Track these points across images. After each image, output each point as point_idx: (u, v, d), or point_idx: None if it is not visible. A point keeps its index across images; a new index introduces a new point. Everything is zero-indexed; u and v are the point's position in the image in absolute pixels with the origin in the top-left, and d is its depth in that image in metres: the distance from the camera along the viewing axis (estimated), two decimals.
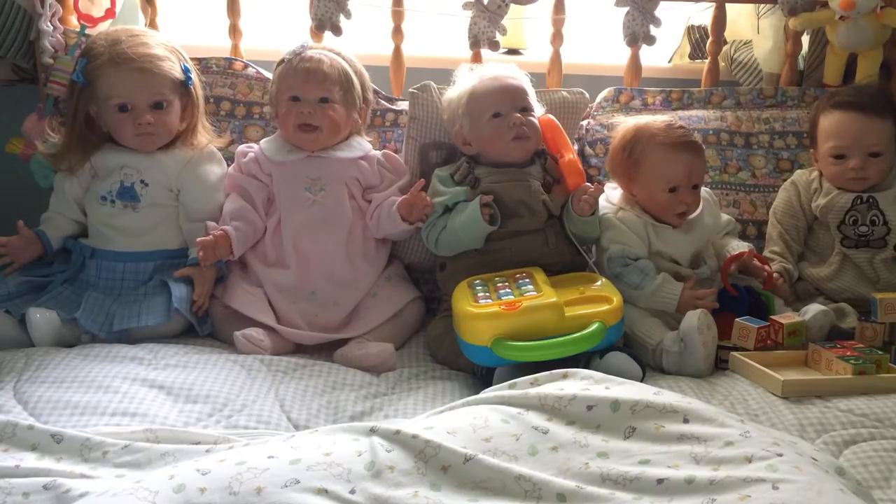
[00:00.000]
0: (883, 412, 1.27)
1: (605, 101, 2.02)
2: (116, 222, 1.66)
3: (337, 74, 1.72)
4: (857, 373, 1.38)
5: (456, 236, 1.63)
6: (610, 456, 1.04)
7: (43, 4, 1.86)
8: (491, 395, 1.19)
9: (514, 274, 1.55)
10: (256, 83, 1.94)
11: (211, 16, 2.13)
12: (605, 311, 1.43)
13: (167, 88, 1.67)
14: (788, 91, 2.06)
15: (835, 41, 1.99)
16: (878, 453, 1.17)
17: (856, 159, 1.74)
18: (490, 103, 1.68)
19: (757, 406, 1.32)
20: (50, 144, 1.73)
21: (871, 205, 1.76)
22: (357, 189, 1.74)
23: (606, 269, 1.65)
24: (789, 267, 1.79)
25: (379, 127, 1.95)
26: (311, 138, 1.71)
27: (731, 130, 1.98)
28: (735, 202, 1.91)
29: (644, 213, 1.69)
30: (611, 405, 1.11)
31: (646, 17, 2.01)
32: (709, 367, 1.49)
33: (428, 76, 1.89)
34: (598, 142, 1.95)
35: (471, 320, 1.43)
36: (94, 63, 1.65)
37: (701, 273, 1.67)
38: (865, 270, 1.76)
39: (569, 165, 1.68)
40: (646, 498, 0.95)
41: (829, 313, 1.59)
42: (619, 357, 1.42)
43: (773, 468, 0.95)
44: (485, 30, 1.99)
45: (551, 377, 1.20)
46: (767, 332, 1.51)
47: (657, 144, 1.66)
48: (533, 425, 1.09)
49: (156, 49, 1.67)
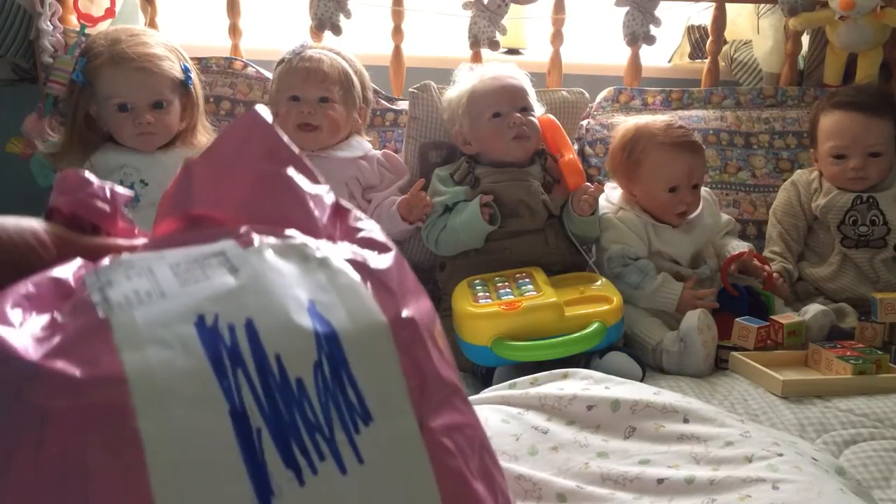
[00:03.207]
0: (883, 412, 1.27)
1: (605, 101, 2.02)
2: None
3: (337, 74, 1.72)
4: (857, 373, 1.38)
5: (456, 236, 1.63)
6: (610, 456, 1.03)
7: (43, 4, 1.86)
8: (491, 395, 1.19)
9: (514, 274, 1.55)
10: (256, 83, 1.94)
11: (211, 16, 2.12)
12: (605, 311, 1.43)
13: (167, 88, 1.67)
14: (788, 91, 2.06)
15: (835, 41, 1.99)
16: (878, 453, 1.17)
17: (856, 159, 1.75)
18: (490, 103, 1.68)
19: (757, 406, 1.32)
20: (50, 144, 1.73)
21: (871, 205, 1.76)
22: (357, 189, 1.74)
23: (606, 268, 1.65)
24: (789, 267, 1.79)
25: (379, 127, 1.95)
26: (311, 138, 1.70)
27: (731, 130, 1.98)
28: (735, 202, 1.91)
29: (644, 213, 1.69)
30: (611, 405, 1.11)
31: (646, 16, 2.01)
32: (709, 367, 1.49)
33: (428, 76, 1.89)
34: (598, 142, 1.95)
35: (471, 320, 1.43)
36: (93, 62, 1.65)
37: (701, 273, 1.67)
38: (865, 270, 1.76)
39: (569, 165, 1.68)
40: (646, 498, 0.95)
41: (829, 313, 1.59)
42: (619, 357, 1.42)
43: (773, 468, 0.95)
44: (485, 29, 1.99)
45: (551, 377, 1.20)
46: (767, 332, 1.51)
47: (657, 144, 1.66)
48: (533, 425, 1.09)
49: (156, 49, 1.67)
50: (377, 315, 0.47)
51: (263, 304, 0.45)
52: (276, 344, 0.43)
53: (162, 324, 0.43)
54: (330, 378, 0.44)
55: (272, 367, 0.43)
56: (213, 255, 0.47)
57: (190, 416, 0.41)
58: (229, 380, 0.42)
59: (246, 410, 0.41)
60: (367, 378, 0.45)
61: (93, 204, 0.55)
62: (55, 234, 0.51)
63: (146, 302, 0.44)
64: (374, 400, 0.44)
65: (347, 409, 0.44)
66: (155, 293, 0.45)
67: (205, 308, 0.44)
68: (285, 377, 0.43)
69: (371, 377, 0.45)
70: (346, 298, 0.47)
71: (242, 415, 0.41)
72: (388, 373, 0.46)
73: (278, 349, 0.43)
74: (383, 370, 0.46)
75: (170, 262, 0.47)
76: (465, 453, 0.47)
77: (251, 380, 0.42)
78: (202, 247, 0.48)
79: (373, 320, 0.47)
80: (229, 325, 0.43)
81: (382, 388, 0.45)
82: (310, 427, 0.42)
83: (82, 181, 0.56)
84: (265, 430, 0.42)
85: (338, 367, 0.44)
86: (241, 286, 0.45)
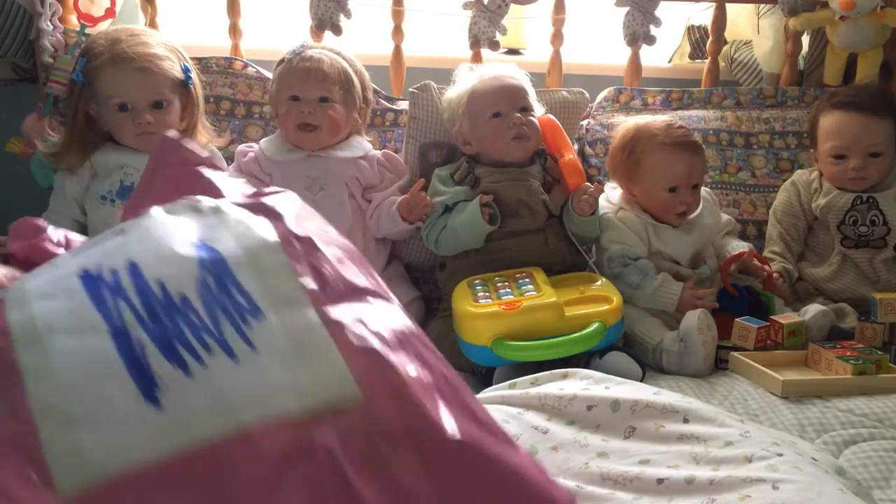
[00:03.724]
0: (883, 412, 1.27)
1: (605, 101, 2.02)
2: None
3: (337, 74, 1.72)
4: (857, 373, 1.38)
5: (456, 236, 1.63)
6: (610, 456, 1.03)
7: (43, 4, 1.86)
8: (491, 394, 1.19)
9: (514, 274, 1.55)
10: (256, 83, 1.94)
11: (211, 16, 2.12)
12: (605, 311, 1.43)
13: (167, 88, 1.67)
14: (788, 91, 2.06)
15: (835, 41, 1.99)
16: (878, 453, 1.17)
17: (856, 159, 1.74)
18: (490, 103, 1.68)
19: (757, 406, 1.32)
20: (50, 144, 1.72)
21: (871, 205, 1.76)
22: (357, 189, 1.74)
23: (606, 268, 1.65)
24: (789, 267, 1.79)
25: (379, 127, 1.95)
26: (311, 138, 1.70)
27: (731, 130, 1.98)
28: (735, 202, 1.91)
29: (644, 213, 1.69)
30: (611, 405, 1.11)
31: (646, 16, 2.01)
32: (709, 367, 1.49)
33: (428, 76, 1.89)
34: (598, 142, 1.95)
35: (471, 320, 1.43)
36: (93, 62, 1.65)
37: (701, 273, 1.67)
38: (865, 270, 1.76)
39: (569, 165, 1.68)
40: (646, 498, 0.95)
41: (829, 313, 1.59)
42: (619, 357, 1.42)
43: (773, 468, 0.95)
44: (485, 29, 1.99)
45: (551, 377, 1.20)
46: (767, 332, 1.51)
47: (657, 144, 1.66)
48: (533, 425, 1.09)
49: (156, 48, 1.67)
50: (266, 235, 0.55)
51: (147, 248, 0.53)
52: (158, 273, 0.51)
53: (48, 283, 0.51)
54: (216, 288, 0.52)
55: (153, 290, 0.50)
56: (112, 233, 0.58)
57: (69, 343, 0.48)
58: (108, 308, 0.49)
59: (126, 328, 0.49)
60: (255, 282, 0.52)
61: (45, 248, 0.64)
62: (11, 278, 0.58)
63: (37, 275, 0.53)
64: (263, 298, 0.52)
65: (235, 308, 0.52)
66: (48, 268, 0.53)
67: (89, 263, 0.52)
68: (168, 295, 0.51)
69: (258, 281, 0.52)
70: (235, 230, 0.55)
71: (123, 331, 0.49)
72: (277, 275, 0.53)
73: (160, 276, 0.51)
74: (271, 274, 0.53)
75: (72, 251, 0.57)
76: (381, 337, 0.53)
77: (132, 303, 0.50)
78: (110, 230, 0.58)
79: (260, 239, 0.55)
80: (112, 270, 0.51)
81: (271, 288, 0.52)
82: (194, 329, 0.49)
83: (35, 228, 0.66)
84: (147, 339, 0.49)
85: (223, 279, 0.52)
86: (126, 241, 0.54)
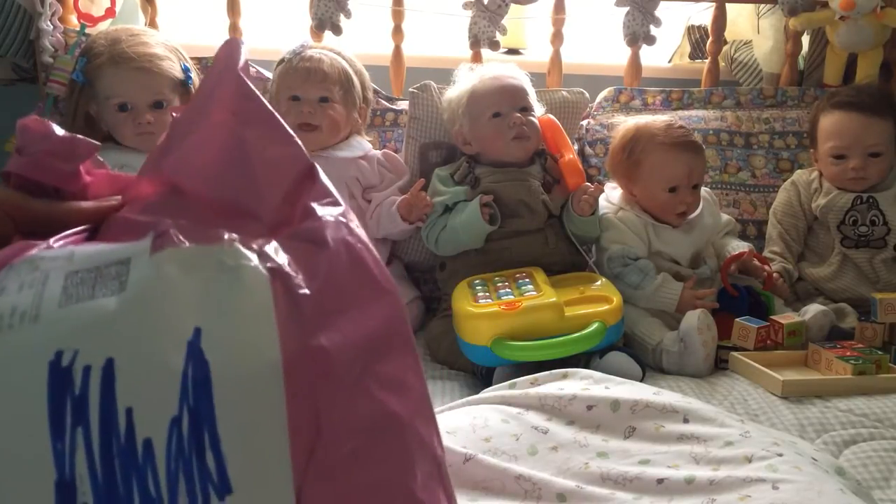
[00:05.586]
0: (883, 412, 1.27)
1: (605, 101, 2.02)
2: None
3: (337, 74, 1.72)
4: (857, 373, 1.38)
5: (456, 236, 1.63)
6: (610, 456, 1.03)
7: (43, 3, 1.86)
8: (491, 394, 1.19)
9: (514, 274, 1.55)
10: (256, 83, 1.93)
11: (211, 16, 2.13)
12: (605, 311, 1.43)
13: (167, 88, 1.67)
14: (788, 91, 2.06)
15: (835, 41, 1.99)
16: (878, 453, 1.17)
17: (856, 159, 1.74)
18: (490, 103, 1.68)
19: (757, 406, 1.32)
20: None
21: (871, 205, 1.76)
22: (357, 189, 1.74)
23: (606, 268, 1.65)
24: (789, 267, 1.79)
25: (379, 127, 1.95)
26: (311, 138, 1.70)
27: (731, 130, 1.98)
28: (735, 202, 1.91)
29: (644, 213, 1.69)
30: (611, 405, 1.11)
31: (646, 16, 2.01)
32: (709, 367, 1.49)
33: (428, 76, 1.89)
34: (598, 142, 1.95)
35: (471, 320, 1.43)
36: (93, 62, 1.65)
37: (701, 273, 1.67)
38: (865, 270, 1.76)
39: (569, 165, 1.68)
40: (646, 498, 0.95)
41: (829, 313, 1.59)
42: (619, 357, 1.41)
43: (773, 468, 0.95)
44: (485, 29, 1.99)
45: (551, 377, 1.20)
46: (767, 332, 1.51)
47: (657, 144, 1.66)
48: (533, 425, 1.09)
49: (156, 48, 1.67)
50: (270, 348, 0.41)
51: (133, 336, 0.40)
52: (131, 394, 0.38)
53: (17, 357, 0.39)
54: (187, 437, 0.39)
55: (119, 424, 0.38)
56: (117, 262, 0.43)
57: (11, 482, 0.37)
58: (64, 442, 0.38)
59: (75, 481, 0.37)
60: (236, 437, 0.39)
61: (50, 164, 0.50)
62: (9, 203, 0.47)
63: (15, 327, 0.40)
64: (240, 467, 0.39)
65: (201, 478, 0.38)
66: (30, 314, 0.41)
67: (67, 343, 0.40)
68: (132, 438, 0.38)
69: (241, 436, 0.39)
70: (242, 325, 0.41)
71: (70, 486, 0.37)
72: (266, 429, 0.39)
73: (131, 401, 0.38)
74: (259, 426, 0.39)
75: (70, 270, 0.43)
76: None
77: (90, 442, 0.38)
78: (117, 247, 0.44)
79: (262, 356, 0.40)
80: (85, 368, 0.39)
81: (254, 451, 0.39)
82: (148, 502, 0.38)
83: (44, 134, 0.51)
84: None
85: (200, 424, 0.39)
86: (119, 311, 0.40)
